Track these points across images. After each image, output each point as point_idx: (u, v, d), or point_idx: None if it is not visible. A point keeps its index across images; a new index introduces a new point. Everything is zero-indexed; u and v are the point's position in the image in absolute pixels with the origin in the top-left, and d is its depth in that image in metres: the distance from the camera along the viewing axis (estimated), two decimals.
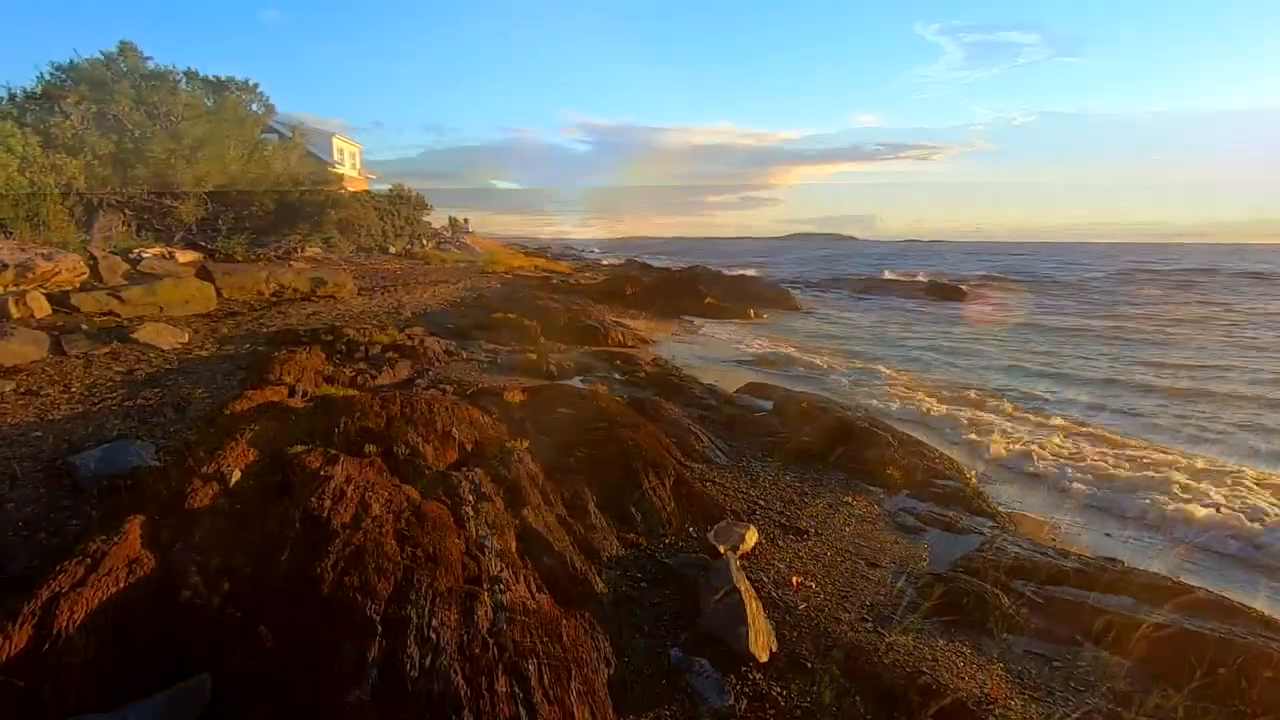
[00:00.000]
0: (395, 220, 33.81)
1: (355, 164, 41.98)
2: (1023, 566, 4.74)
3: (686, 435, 6.99)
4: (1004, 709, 3.27)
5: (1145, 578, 4.59)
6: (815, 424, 7.90)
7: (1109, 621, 4.05)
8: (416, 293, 18.21)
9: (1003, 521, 6.22)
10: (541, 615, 3.06)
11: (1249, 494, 7.24)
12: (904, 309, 29.87)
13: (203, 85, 20.92)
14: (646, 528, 4.92)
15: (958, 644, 3.86)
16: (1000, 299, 33.95)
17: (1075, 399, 12.29)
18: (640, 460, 5.59)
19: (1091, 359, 16.88)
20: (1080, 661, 3.79)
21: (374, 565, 3.08)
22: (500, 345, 12.41)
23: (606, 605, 3.75)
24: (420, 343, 10.64)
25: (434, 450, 5.14)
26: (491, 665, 2.57)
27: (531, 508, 4.49)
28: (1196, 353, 17.82)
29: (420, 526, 3.55)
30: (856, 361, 15.86)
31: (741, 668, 3.44)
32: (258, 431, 4.95)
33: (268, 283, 14.55)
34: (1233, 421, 10.69)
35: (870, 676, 3.47)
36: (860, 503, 6.09)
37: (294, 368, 7.53)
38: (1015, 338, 20.79)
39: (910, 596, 4.40)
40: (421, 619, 2.73)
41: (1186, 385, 13.52)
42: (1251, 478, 7.75)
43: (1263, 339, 20.37)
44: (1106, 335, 21.32)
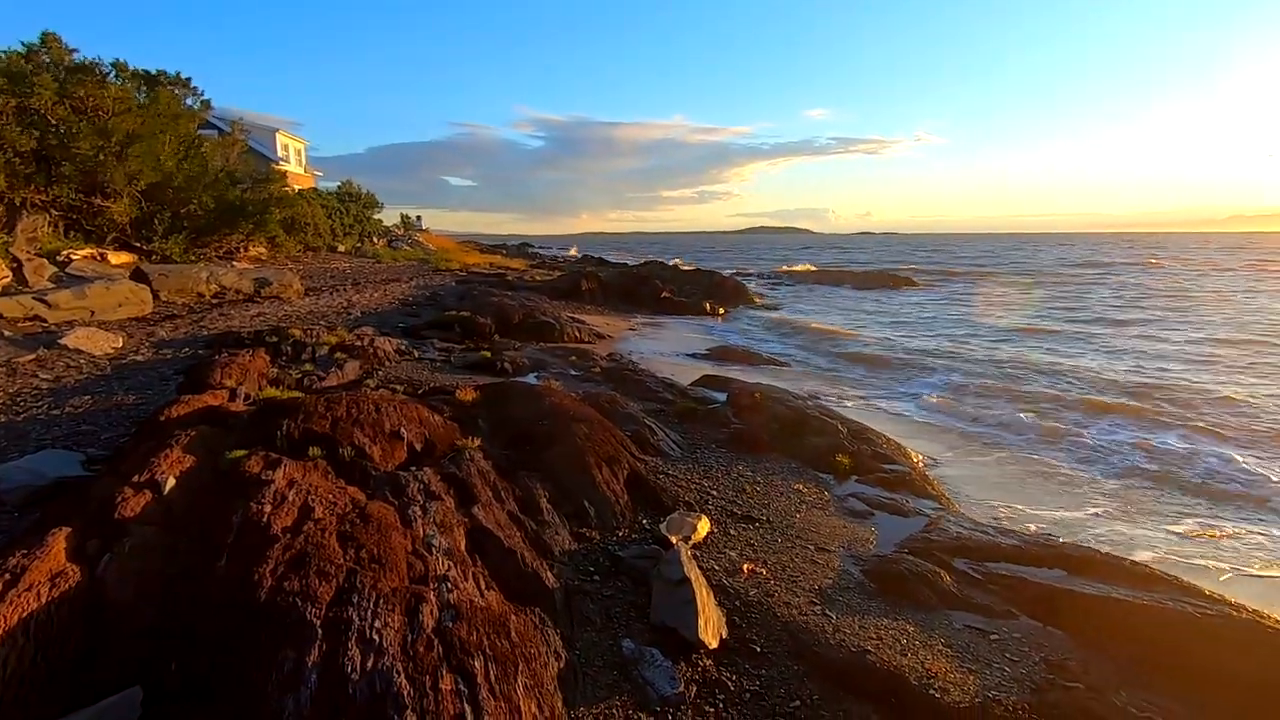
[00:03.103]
0: (344, 218, 33.00)
1: (301, 160, 40.76)
2: (964, 545, 4.91)
3: (641, 429, 7.02)
4: (943, 682, 3.38)
5: (1077, 551, 4.80)
6: (768, 414, 8.02)
7: (1043, 594, 4.23)
8: (367, 292, 17.83)
9: (947, 503, 6.43)
10: (489, 612, 3.04)
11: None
12: (857, 299, 30.52)
13: (133, 78, 20.02)
14: (600, 521, 4.93)
15: (902, 622, 3.98)
16: (954, 289, 34.98)
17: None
18: (593, 455, 5.59)
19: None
20: (1016, 633, 3.94)
21: (315, 569, 3.02)
22: (453, 343, 12.25)
23: (558, 600, 3.74)
24: (370, 343, 10.42)
25: (382, 450, 5.05)
26: (436, 664, 2.54)
27: (482, 505, 4.45)
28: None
29: (365, 528, 3.49)
30: (812, 353, 16.15)
31: (692, 655, 3.49)
32: (195, 437, 4.78)
33: (208, 284, 14.06)
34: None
35: (817, 657, 3.56)
36: (811, 490, 6.21)
37: (236, 371, 7.28)
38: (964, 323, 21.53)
39: (857, 579, 4.52)
40: (364, 621, 2.69)
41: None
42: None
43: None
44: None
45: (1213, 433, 9.32)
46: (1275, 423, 9.83)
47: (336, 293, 17.07)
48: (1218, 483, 7.42)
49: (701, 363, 13.55)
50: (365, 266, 25.48)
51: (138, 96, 19.26)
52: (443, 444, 5.55)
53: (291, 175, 33.54)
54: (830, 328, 21.12)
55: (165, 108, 18.88)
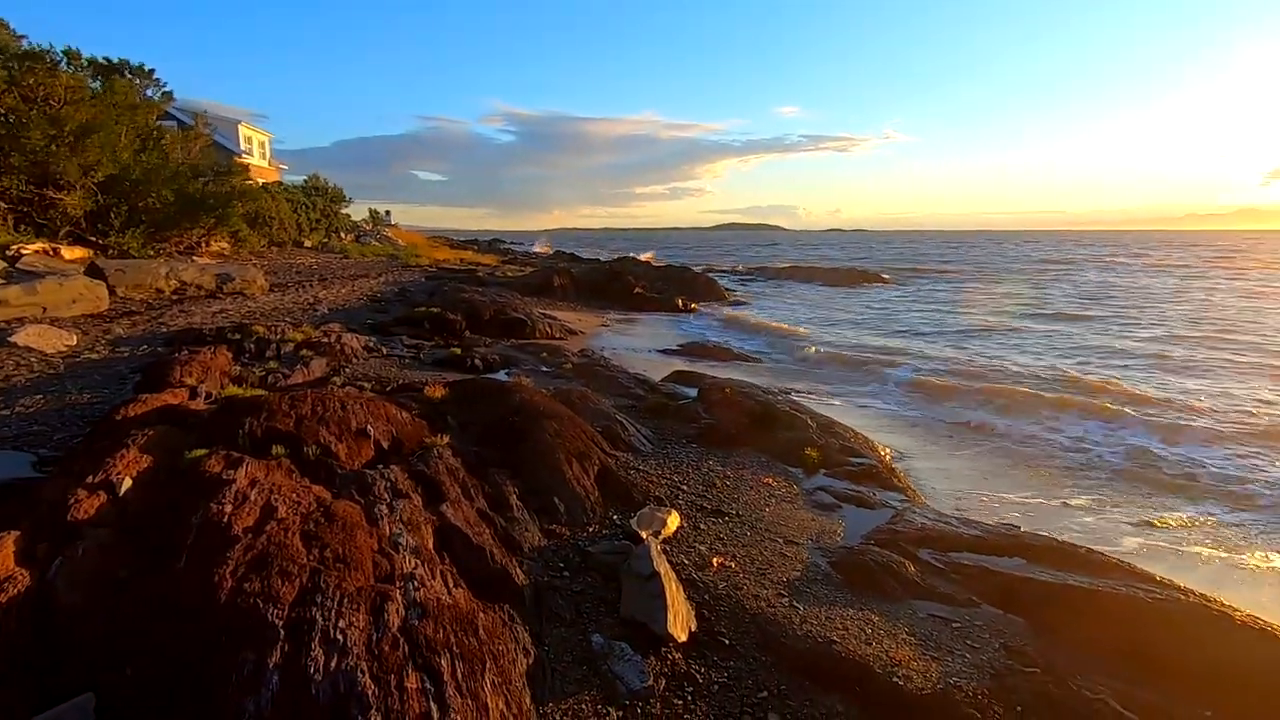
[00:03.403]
0: (310, 213, 32.34)
1: (265, 153, 39.83)
2: (928, 536, 5.01)
3: (612, 424, 7.02)
4: (907, 670, 3.45)
5: (1036, 540, 4.93)
6: (738, 409, 8.08)
7: (1003, 582, 4.34)
8: (334, 288, 17.52)
9: (913, 495, 6.55)
10: (457, 610, 3.02)
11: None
12: (827, 295, 30.86)
13: (87, 67, 19.36)
14: (570, 517, 4.92)
15: (867, 612, 4.05)
16: (919, 285, 35.57)
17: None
18: (564, 451, 5.58)
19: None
20: (977, 621, 4.03)
21: (278, 569, 2.97)
22: (423, 340, 12.11)
23: (527, 596, 3.73)
24: (337, 339, 10.25)
25: (348, 449, 4.98)
26: (401, 663, 2.52)
27: (451, 503, 4.41)
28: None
29: (330, 527, 3.44)
30: (782, 348, 16.30)
31: (662, 649, 3.51)
32: (153, 436, 4.66)
33: (168, 280, 13.68)
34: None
35: (784, 648, 3.61)
36: (780, 483, 6.28)
37: (197, 369, 7.11)
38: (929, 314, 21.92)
39: (824, 570, 4.58)
40: (328, 621, 2.65)
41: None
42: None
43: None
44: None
45: (1170, 426, 9.62)
46: (1231, 417, 10.19)
47: (302, 289, 16.74)
48: (1172, 474, 7.68)
49: (673, 358, 13.59)
50: (332, 262, 25.03)
51: (93, 85, 18.62)
52: (411, 442, 5.49)
53: (255, 169, 32.80)
54: (800, 324, 21.35)
55: (122, 98, 18.29)
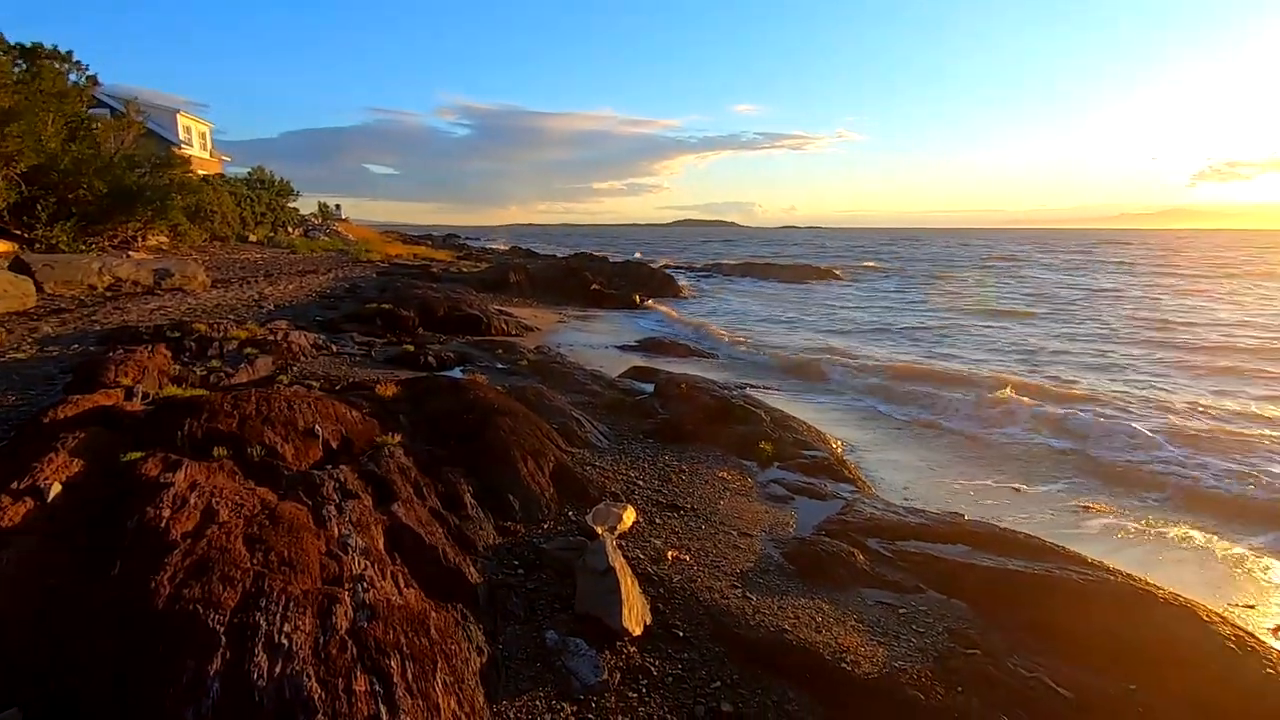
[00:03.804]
0: (256, 206, 31.28)
1: (206, 144, 38.30)
2: (877, 525, 5.16)
3: (568, 421, 7.00)
4: (855, 656, 3.55)
5: (978, 527, 5.12)
6: (694, 404, 8.15)
7: (947, 569, 4.49)
8: (281, 284, 17.00)
9: (863, 486, 6.72)
10: (408, 610, 2.99)
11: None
12: (783, 291, 31.32)
13: (7, 51, 18.31)
14: (525, 515, 4.90)
15: (818, 601, 4.15)
16: (868, 281, 36.40)
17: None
18: (519, 448, 5.55)
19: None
20: (923, 606, 4.17)
21: (219, 574, 2.88)
22: (375, 337, 11.86)
23: (481, 595, 3.71)
24: (284, 337, 9.95)
25: (295, 449, 4.86)
26: (350, 665, 2.48)
27: (403, 502, 4.35)
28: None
29: (275, 530, 3.35)
30: (738, 343, 16.49)
31: (616, 643, 3.53)
32: (84, 439, 4.46)
33: (101, 276, 13.08)
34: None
35: (738, 639, 3.67)
36: (735, 477, 6.36)
37: (132, 368, 6.82)
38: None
39: (777, 561, 4.67)
40: (272, 625, 2.59)
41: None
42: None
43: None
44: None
45: (1108, 419, 10.08)
46: (1166, 410, 10.74)
47: (247, 285, 16.20)
48: (1109, 464, 8.03)
49: (630, 354, 13.61)
50: (279, 257, 24.26)
51: (14, 70, 17.61)
52: (361, 441, 5.39)
53: (196, 160, 31.53)
54: (756, 319, 21.64)
55: (49, 84, 17.35)
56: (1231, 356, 14.70)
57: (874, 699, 3.25)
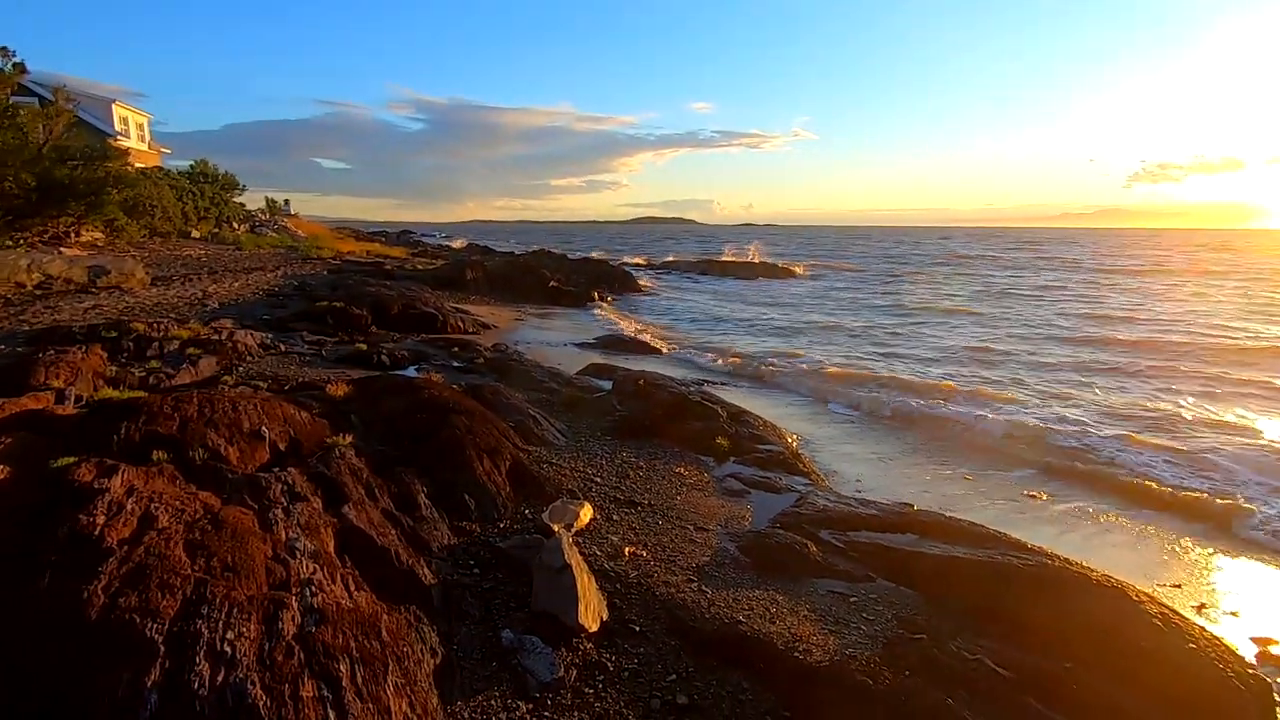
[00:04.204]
0: (198, 201, 30.10)
1: (144, 136, 36.67)
2: (829, 517, 5.27)
3: (525, 419, 6.96)
4: (807, 644, 3.63)
5: (926, 516, 5.28)
6: (652, 401, 8.19)
7: (896, 557, 4.63)
8: (226, 282, 16.43)
9: (817, 479, 6.85)
10: (359, 614, 2.94)
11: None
12: (740, 288, 31.64)
13: None
14: (481, 514, 4.86)
15: (772, 592, 4.22)
16: (823, 278, 37.07)
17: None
18: (474, 447, 5.49)
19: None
20: (873, 595, 4.29)
21: (158, 582, 2.78)
22: (325, 336, 11.58)
23: (435, 596, 3.66)
24: (229, 336, 9.64)
25: (240, 452, 4.71)
26: (297, 671, 2.43)
27: (354, 504, 4.26)
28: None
29: (218, 535, 3.25)
30: (696, 340, 16.62)
31: (573, 640, 3.53)
32: (11, 444, 4.25)
33: (30, 273, 12.45)
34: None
35: (693, 631, 3.71)
36: (691, 472, 6.42)
37: (65, 370, 6.52)
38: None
39: (733, 554, 4.74)
40: (214, 633, 2.51)
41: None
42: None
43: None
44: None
45: (1049, 414, 10.49)
46: (1104, 405, 11.22)
47: (189, 282, 15.61)
48: (1051, 456, 8.34)
49: (589, 352, 13.59)
50: (224, 254, 23.43)
51: None
52: (311, 442, 5.26)
53: (134, 152, 30.17)
54: (713, 316, 21.82)
55: None
56: (1168, 355, 15.34)
57: (825, 686, 3.32)
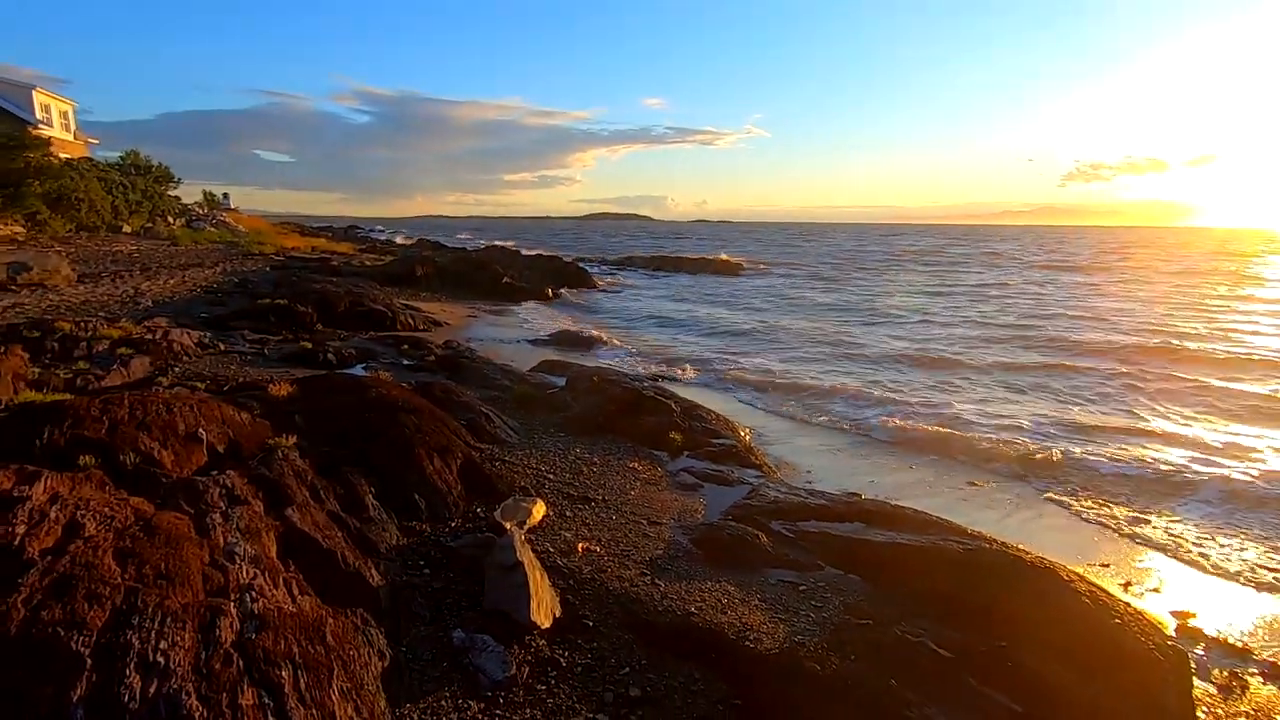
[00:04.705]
0: (130, 194, 28.68)
1: (69, 125, 34.73)
2: (780, 508, 5.37)
3: (477, 417, 6.87)
4: (758, 633, 3.70)
5: (872, 505, 5.43)
6: (606, 396, 8.18)
7: (843, 546, 4.74)
8: (160, 279, 15.72)
9: (768, 471, 6.97)
10: (302, 618, 2.86)
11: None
12: (693, 283, 31.84)
13: None
14: (431, 513, 4.78)
15: (724, 583, 4.28)
16: (774, 275, 37.62)
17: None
18: (424, 446, 5.40)
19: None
20: (821, 582, 4.38)
21: (84, 592, 2.65)
22: (268, 335, 11.20)
23: (383, 598, 3.59)
24: (164, 336, 9.25)
25: (175, 455, 4.53)
26: (235, 679, 2.35)
27: (298, 507, 4.14)
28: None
29: (150, 542, 3.11)
30: (650, 335, 16.68)
31: (525, 637, 3.52)
32: None
33: None
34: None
35: (646, 625, 3.74)
36: (645, 467, 6.45)
37: None
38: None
39: (686, 547, 4.78)
40: (146, 643, 2.41)
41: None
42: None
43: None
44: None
45: (982, 410, 10.90)
46: (1031, 402, 11.70)
47: (120, 279, 14.88)
48: (992, 446, 8.65)
49: (543, 348, 13.50)
50: (158, 250, 22.40)
51: None
52: (252, 444, 5.09)
53: (57, 141, 28.58)
54: (667, 311, 21.93)
55: None
56: (1104, 351, 15.90)
57: (775, 673, 3.39)
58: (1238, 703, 3.82)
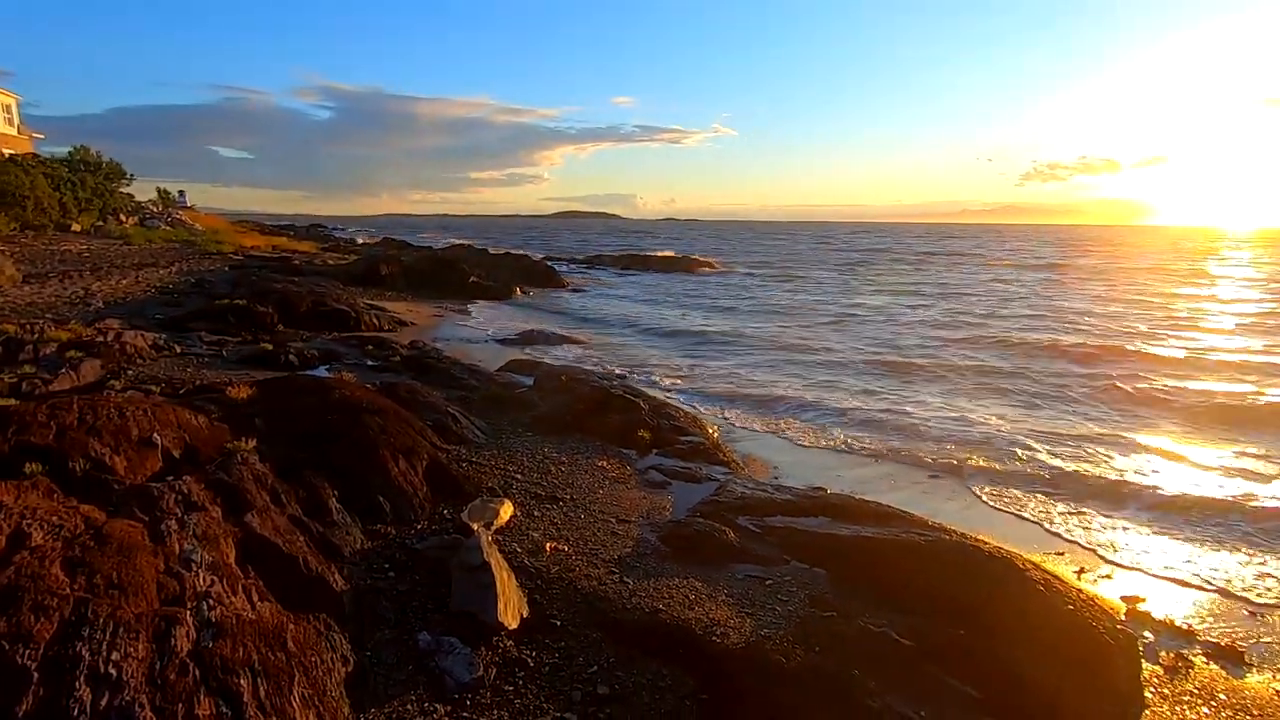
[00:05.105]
0: (79, 191, 27.67)
1: (12, 119, 33.36)
2: (747, 504, 5.42)
3: (443, 417, 6.81)
4: (724, 628, 3.74)
5: (837, 499, 5.52)
6: (574, 395, 8.17)
7: (809, 540, 4.81)
8: (113, 279, 15.21)
9: (736, 468, 7.03)
10: (262, 625, 2.81)
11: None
12: (661, 281, 31.87)
13: None
14: (396, 516, 4.72)
15: (691, 579, 4.31)
16: (739, 274, 37.92)
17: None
18: (388, 448, 5.32)
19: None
20: (787, 576, 4.44)
21: (31, 604, 2.56)
22: (227, 336, 10.93)
23: (346, 602, 3.55)
24: (116, 338, 8.96)
25: (128, 461, 4.39)
26: (192, 689, 2.30)
27: (258, 512, 4.06)
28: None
29: (101, 551, 3.03)
30: (619, 333, 16.68)
31: (493, 639, 3.50)
32: None
33: None
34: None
35: (614, 623, 3.75)
36: (614, 465, 6.46)
37: None
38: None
39: (654, 545, 4.80)
40: (97, 655, 2.34)
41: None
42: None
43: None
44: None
45: (949, 410, 11.14)
46: (1016, 398, 12.00)
47: (69, 280, 14.36)
48: (953, 442, 8.86)
49: (511, 347, 13.42)
50: (109, 249, 21.66)
51: None
52: (210, 448, 4.97)
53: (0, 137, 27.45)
54: (635, 310, 21.95)
55: None
56: (1067, 352, 16.18)
57: (741, 667, 3.43)
58: (1183, 682, 3.99)
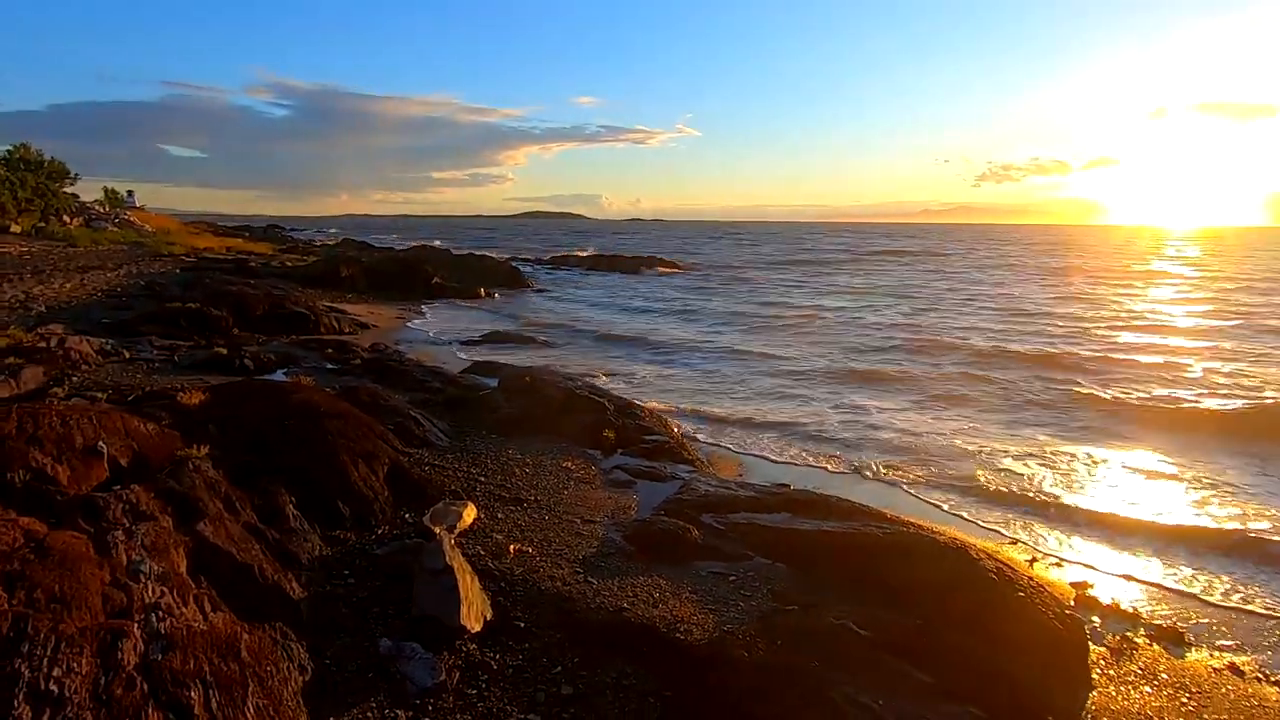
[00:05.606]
0: (18, 191, 26.58)
1: None
2: (710, 501, 5.47)
3: (405, 421, 6.72)
4: (688, 625, 3.77)
5: (799, 495, 5.60)
6: (539, 397, 8.13)
7: (771, 536, 4.88)
8: (55, 282, 14.66)
9: (700, 466, 7.09)
10: (214, 636, 2.74)
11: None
12: (626, 282, 31.88)
13: None
14: (356, 521, 4.65)
15: (656, 577, 4.33)
16: (708, 274, 38.13)
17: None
18: (348, 452, 5.24)
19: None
20: (750, 572, 4.49)
21: None
22: (179, 340, 10.61)
23: (304, 609, 3.48)
24: (60, 344, 8.63)
25: (72, 471, 4.23)
26: (139, 704, 2.23)
27: (210, 520, 3.95)
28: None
29: (42, 565, 2.91)
30: (583, 334, 16.64)
31: (455, 642, 3.47)
32: None
33: None
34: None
35: (579, 623, 3.75)
36: (579, 466, 6.46)
37: None
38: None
39: (619, 544, 4.82)
40: (37, 672, 2.26)
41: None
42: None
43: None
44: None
45: (885, 411, 11.37)
46: (987, 396, 12.29)
47: (8, 284, 13.79)
48: (894, 442, 9.06)
49: (475, 349, 13.30)
50: (53, 251, 20.85)
51: None
52: (160, 456, 4.81)
53: None
54: (603, 311, 21.92)
55: None
56: (1027, 357, 16.66)
57: (705, 662, 3.46)
58: (1128, 663, 4.15)
